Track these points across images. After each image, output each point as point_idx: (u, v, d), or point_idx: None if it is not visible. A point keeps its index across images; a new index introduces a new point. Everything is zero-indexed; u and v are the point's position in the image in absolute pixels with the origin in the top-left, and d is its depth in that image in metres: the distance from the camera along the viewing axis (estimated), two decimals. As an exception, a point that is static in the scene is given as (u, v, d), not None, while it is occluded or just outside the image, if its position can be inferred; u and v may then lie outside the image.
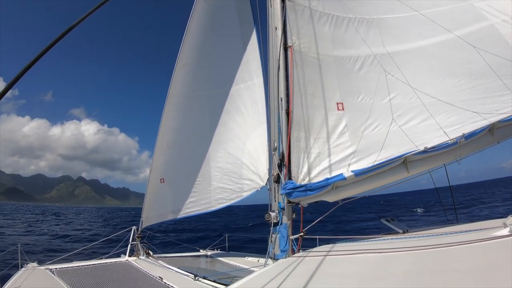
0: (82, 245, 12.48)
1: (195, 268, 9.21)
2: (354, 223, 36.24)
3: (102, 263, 9.70)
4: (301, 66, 7.71)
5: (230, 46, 10.69)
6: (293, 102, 7.54)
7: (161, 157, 11.16)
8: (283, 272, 4.93)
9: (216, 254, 12.03)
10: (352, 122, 7.44)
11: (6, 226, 43.72)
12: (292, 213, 7.62)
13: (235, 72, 10.50)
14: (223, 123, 10.49)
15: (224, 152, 10.42)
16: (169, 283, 7.43)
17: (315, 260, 5.28)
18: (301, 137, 7.47)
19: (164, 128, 10.98)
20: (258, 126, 9.93)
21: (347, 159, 7.17)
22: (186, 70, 10.71)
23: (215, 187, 10.51)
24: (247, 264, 9.77)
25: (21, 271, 8.36)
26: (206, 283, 7.38)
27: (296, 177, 7.38)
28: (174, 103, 10.90)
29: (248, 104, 10.28)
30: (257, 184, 9.66)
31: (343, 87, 7.67)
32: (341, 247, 5.98)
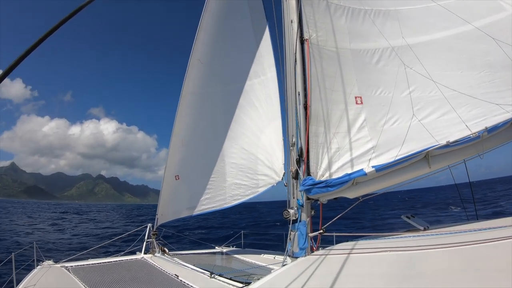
0: (99, 243, 12.50)
1: (211, 265, 9.13)
2: (375, 221, 35.84)
3: (117, 260, 9.69)
4: (319, 60, 7.54)
5: (242, 41, 10.60)
6: (311, 97, 7.38)
7: (176, 154, 11.08)
8: (305, 271, 4.81)
9: (231, 251, 11.96)
10: (371, 116, 7.26)
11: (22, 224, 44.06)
12: (311, 210, 7.48)
13: (248, 67, 10.40)
14: (237, 118, 10.39)
15: (238, 148, 10.33)
16: (185, 280, 7.38)
17: (337, 259, 5.16)
18: (319, 132, 7.32)
19: (178, 125, 10.91)
20: (272, 121, 9.82)
21: (367, 154, 6.99)
22: (199, 67, 10.63)
23: (230, 183, 10.43)
24: (263, 261, 9.65)
25: (36, 269, 8.33)
26: (222, 280, 7.30)
27: (314, 173, 7.23)
28: (187, 100, 10.82)
29: (262, 98, 10.17)
30: (273, 179, 9.56)
31: (361, 81, 7.48)
32: (361, 245, 5.84)
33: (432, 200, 71.44)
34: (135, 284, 7.34)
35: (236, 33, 10.65)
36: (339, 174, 6.95)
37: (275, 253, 10.46)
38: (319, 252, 6.23)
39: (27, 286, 6.82)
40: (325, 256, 5.50)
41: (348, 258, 4.98)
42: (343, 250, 5.58)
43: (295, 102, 7.60)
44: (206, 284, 7.11)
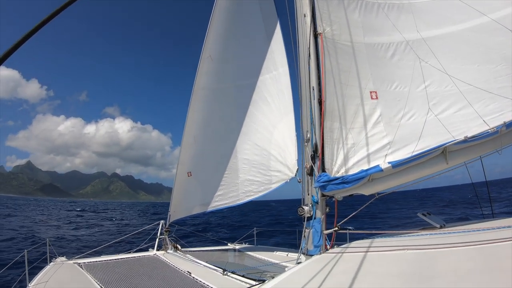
0: (112, 240, 12.59)
1: (224, 262, 9.14)
2: (389, 218, 35.49)
3: (130, 257, 9.73)
4: (333, 54, 7.40)
5: (253, 36, 10.55)
6: (326, 91, 7.25)
7: (188, 151, 11.08)
8: (321, 269, 4.72)
9: (244, 248, 11.95)
10: (387, 111, 7.11)
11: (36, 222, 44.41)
12: (326, 207, 7.37)
13: (259, 62, 10.33)
14: (250, 114, 10.33)
15: (251, 144, 10.28)
16: (198, 277, 7.39)
17: (353, 257, 5.06)
18: (334, 127, 7.19)
19: (190, 121, 10.91)
20: (285, 116, 9.74)
21: (383, 150, 6.85)
22: (210, 63, 10.63)
23: (242, 180, 10.39)
24: (276, 258, 9.63)
25: (49, 266, 8.40)
26: (235, 278, 7.29)
27: (330, 169, 7.10)
28: (199, 96, 10.81)
29: (274, 94, 10.11)
30: (286, 175, 9.50)
31: (376, 75, 7.33)
32: (377, 243, 5.74)
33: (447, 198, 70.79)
34: (147, 281, 7.35)
35: (247, 28, 10.61)
36: (355, 170, 6.83)
37: (288, 250, 10.43)
38: (334, 250, 6.12)
39: (39, 282, 6.86)
40: (341, 254, 5.40)
41: (365, 257, 4.88)
42: (359, 248, 5.49)
43: (310, 97, 7.48)
44: (219, 281, 7.09)
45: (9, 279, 10.52)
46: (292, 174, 9.31)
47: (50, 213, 67.93)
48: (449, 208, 45.86)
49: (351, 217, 6.94)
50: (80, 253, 9.90)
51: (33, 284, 6.78)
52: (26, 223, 39.49)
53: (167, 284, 7.07)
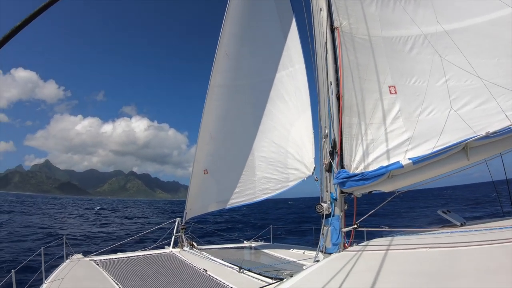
0: (129, 237, 12.61)
1: (240, 260, 9.08)
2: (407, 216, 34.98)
3: (146, 254, 9.78)
4: (350, 48, 7.25)
5: (269, 32, 10.45)
6: (343, 86, 7.11)
7: (204, 148, 11.04)
8: (342, 268, 4.60)
9: (260, 245, 11.87)
10: (406, 106, 6.94)
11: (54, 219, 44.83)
12: (344, 204, 7.23)
13: (275, 59, 10.24)
14: (266, 111, 10.24)
15: (268, 141, 10.18)
16: (214, 275, 7.37)
17: (374, 256, 4.94)
18: (353, 123, 7.04)
19: (206, 119, 10.86)
20: (302, 113, 9.64)
21: (403, 146, 6.69)
22: (226, 60, 10.57)
23: (259, 177, 10.31)
24: (292, 256, 9.58)
25: (66, 263, 8.44)
26: (251, 275, 7.26)
27: (348, 165, 6.96)
28: (215, 94, 10.76)
29: (291, 91, 10.00)
30: (303, 173, 9.40)
31: (394, 69, 7.15)
32: (398, 241, 5.61)
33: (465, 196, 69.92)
34: (163, 278, 7.34)
35: (262, 24, 10.50)
36: (374, 166, 6.69)
37: (305, 248, 10.39)
38: (353, 248, 5.99)
39: (56, 279, 6.88)
40: (361, 253, 5.26)
41: (386, 255, 4.75)
42: (379, 246, 5.36)
43: (327, 92, 7.35)
44: (235, 279, 7.04)
45: (25, 276, 10.60)
46: (309, 172, 9.21)
47: (69, 211, 68.71)
48: (467, 206, 45.35)
49: (370, 214, 6.82)
50: (97, 251, 9.92)
51: (49, 281, 6.79)
52: (44, 221, 39.94)
53: (183, 282, 7.07)
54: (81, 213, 61.80)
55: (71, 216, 51.49)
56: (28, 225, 33.25)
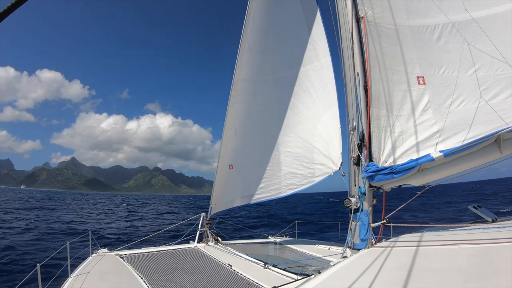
0: (154, 232, 12.68)
1: (264, 255, 9.10)
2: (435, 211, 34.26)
3: (171, 249, 9.83)
4: (376, 38, 7.04)
5: (293, 26, 10.29)
6: (371, 77, 6.92)
7: (229, 144, 10.98)
8: (372, 264, 4.45)
9: (285, 241, 11.82)
10: (435, 97, 6.69)
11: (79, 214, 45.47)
12: (373, 198, 7.03)
13: (300, 53, 10.08)
14: (292, 106, 10.09)
15: (294, 136, 10.03)
16: (239, 270, 7.35)
17: (404, 252, 4.76)
18: (381, 114, 6.84)
19: (231, 114, 10.80)
20: (329, 108, 9.45)
21: (433, 138, 6.45)
22: (250, 54, 10.46)
23: (285, 173, 10.19)
24: (317, 252, 9.48)
25: (91, 257, 8.55)
26: (276, 271, 7.20)
27: (377, 158, 6.78)
28: (239, 89, 10.67)
29: (317, 85, 9.81)
30: (330, 168, 9.23)
31: (422, 59, 6.90)
32: (428, 236, 5.43)
33: (496, 191, 68.45)
34: (188, 273, 7.33)
35: (286, 18, 10.34)
36: (404, 159, 6.48)
37: (330, 244, 10.27)
38: (382, 244, 5.82)
39: (81, 273, 6.97)
40: (391, 249, 5.09)
41: (417, 251, 4.57)
42: (409, 242, 5.19)
43: (355, 83, 7.15)
44: (260, 275, 7.00)
45: (52, 270, 10.74)
46: (336, 168, 9.03)
47: (97, 206, 69.79)
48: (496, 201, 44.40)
49: (400, 209, 6.62)
50: (124, 245, 10.05)
51: (75, 275, 6.87)
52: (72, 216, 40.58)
53: (208, 277, 7.06)
54: (109, 208, 62.68)
55: (99, 212, 52.24)
56: (56, 220, 33.80)
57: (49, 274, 10.41)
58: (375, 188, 6.90)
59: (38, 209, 50.49)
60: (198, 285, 6.51)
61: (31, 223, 29.34)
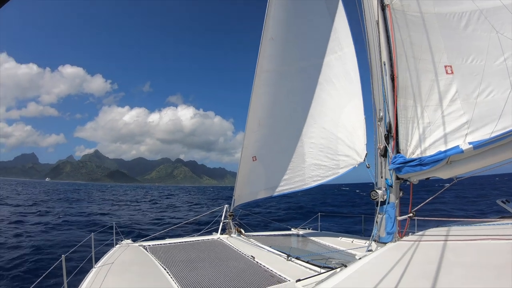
0: (178, 223, 12.75)
1: (287, 247, 9.08)
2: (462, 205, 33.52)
3: (194, 240, 9.90)
4: (402, 26, 6.88)
5: (314, 15, 10.11)
6: (397, 67, 6.77)
7: (252, 135, 10.92)
8: (400, 259, 4.33)
9: (308, 233, 11.76)
10: (464, 87, 6.51)
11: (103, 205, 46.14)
12: (400, 191, 6.90)
13: (323, 43, 9.89)
14: (316, 96, 9.95)
15: (317, 127, 9.89)
16: (261, 262, 7.34)
17: (433, 246, 4.63)
18: (408, 105, 6.69)
19: (254, 105, 10.72)
20: (352, 98, 9.29)
21: (461, 130, 6.29)
22: (272, 45, 10.34)
23: (309, 164, 10.08)
24: (341, 245, 9.40)
25: (115, 248, 8.65)
26: (299, 264, 7.16)
27: (404, 150, 6.65)
28: (262, 79, 10.56)
29: (341, 75, 9.64)
30: (354, 160, 9.08)
31: (450, 48, 6.70)
32: (456, 231, 5.26)
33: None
34: (210, 264, 7.36)
35: (308, 7, 10.17)
36: (431, 151, 6.34)
37: (353, 237, 10.21)
38: (409, 237, 5.70)
39: (105, 263, 7.06)
40: (418, 243, 4.96)
41: (446, 246, 4.44)
42: (437, 236, 5.05)
43: (381, 73, 6.99)
44: (283, 267, 6.97)
45: (76, 261, 10.93)
46: (361, 159, 8.88)
47: (121, 198, 70.58)
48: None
49: (427, 202, 6.47)
50: (147, 236, 10.20)
51: (99, 266, 6.96)
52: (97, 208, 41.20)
53: (230, 268, 7.07)
54: (133, 200, 63.39)
55: (124, 203, 52.88)
56: (81, 212, 34.33)
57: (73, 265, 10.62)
58: (402, 180, 6.77)
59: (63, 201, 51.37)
60: (221, 276, 6.52)
61: (58, 216, 29.85)
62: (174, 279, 6.30)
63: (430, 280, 3.41)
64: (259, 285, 5.99)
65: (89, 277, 6.27)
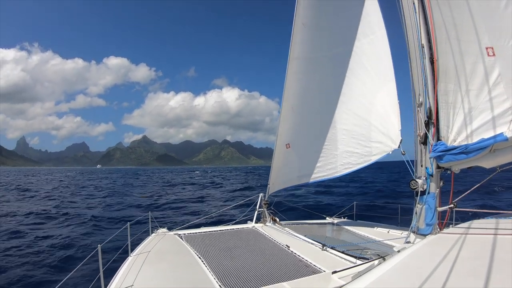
0: (215, 210, 12.82)
1: (322, 237, 9.11)
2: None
3: (229, 229, 9.93)
4: (441, 6, 6.51)
5: (346, 0, 9.77)
6: (437, 49, 6.45)
7: (286, 122, 10.88)
8: (443, 253, 4.09)
9: (343, 222, 11.62)
10: (506, 70, 6.07)
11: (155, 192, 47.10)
12: (440, 180, 6.62)
13: (355, 27, 9.58)
14: (348, 82, 9.71)
15: (350, 113, 9.68)
16: (296, 251, 7.29)
17: (478, 240, 4.38)
18: (449, 89, 6.36)
19: (287, 92, 10.63)
20: (386, 83, 9.00)
21: (505, 116, 5.91)
22: (304, 30, 10.17)
23: (341, 151, 9.92)
24: (376, 235, 9.25)
25: (151, 236, 8.80)
26: (335, 254, 7.06)
27: (445, 137, 6.35)
28: (294, 66, 10.45)
29: (373, 59, 9.35)
30: (388, 147, 8.81)
31: (490, 29, 6.26)
32: (501, 224, 4.99)
33: None
34: (245, 253, 7.38)
35: None
36: (474, 138, 6.02)
37: (389, 227, 10.03)
38: (451, 230, 5.47)
39: (140, 252, 7.21)
40: (462, 236, 4.71)
41: (493, 240, 4.18)
42: (481, 229, 4.81)
43: (420, 56, 6.66)
44: (318, 257, 6.89)
45: (113, 249, 11.15)
46: (395, 146, 8.60)
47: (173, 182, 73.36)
48: None
49: (470, 192, 6.20)
50: (184, 225, 10.41)
51: (134, 254, 7.10)
52: (134, 195, 42.09)
53: (265, 257, 7.06)
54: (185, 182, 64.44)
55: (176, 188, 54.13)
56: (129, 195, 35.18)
57: (111, 251, 10.77)
58: (443, 169, 6.49)
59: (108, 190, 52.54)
60: (255, 265, 6.51)
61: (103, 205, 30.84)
62: (209, 267, 6.34)
63: (480, 279, 3.17)
64: (294, 275, 5.91)
65: (124, 266, 6.39)
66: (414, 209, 6.63)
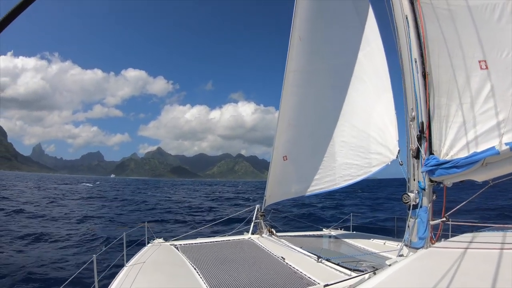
0: (210, 222, 12.86)
1: (318, 248, 9.10)
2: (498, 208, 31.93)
3: (225, 240, 10.01)
4: (433, 20, 6.57)
5: (342, 13, 9.98)
6: (429, 63, 6.50)
7: (283, 135, 10.93)
8: (432, 267, 4.13)
9: (340, 234, 11.67)
10: (499, 83, 6.09)
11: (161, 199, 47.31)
12: (433, 194, 6.64)
13: (351, 40, 9.78)
14: (345, 94, 9.82)
15: (348, 125, 9.77)
16: (291, 263, 7.32)
17: (468, 255, 4.38)
18: (441, 103, 6.40)
19: (284, 105, 10.72)
20: (383, 94, 9.11)
21: (497, 129, 5.94)
22: (300, 45, 10.31)
23: (340, 163, 9.98)
24: (372, 247, 9.29)
25: (147, 247, 8.83)
26: (330, 266, 7.11)
27: (438, 151, 6.39)
28: (291, 79, 10.56)
29: (370, 71, 9.48)
30: (387, 157, 8.89)
31: (483, 42, 6.28)
32: (491, 237, 5.01)
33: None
34: (240, 264, 7.44)
35: (334, 5, 10.04)
36: (466, 152, 6.05)
37: (385, 238, 10.11)
38: (442, 244, 5.51)
39: (136, 262, 7.21)
40: (452, 250, 4.73)
41: (482, 255, 4.21)
42: (472, 243, 4.82)
43: (412, 70, 6.71)
44: (313, 269, 6.94)
45: (109, 260, 11.17)
46: (393, 156, 8.69)
47: (190, 193, 73.52)
48: None
49: (461, 206, 6.22)
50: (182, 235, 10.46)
51: (130, 264, 7.11)
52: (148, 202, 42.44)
53: (260, 269, 7.11)
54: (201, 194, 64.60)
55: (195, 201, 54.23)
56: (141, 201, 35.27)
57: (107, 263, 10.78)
58: (435, 183, 6.52)
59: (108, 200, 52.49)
60: (250, 277, 6.56)
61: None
62: (204, 279, 6.37)
63: None
64: (288, 287, 5.98)
65: (119, 276, 6.40)
66: (407, 223, 6.67)
